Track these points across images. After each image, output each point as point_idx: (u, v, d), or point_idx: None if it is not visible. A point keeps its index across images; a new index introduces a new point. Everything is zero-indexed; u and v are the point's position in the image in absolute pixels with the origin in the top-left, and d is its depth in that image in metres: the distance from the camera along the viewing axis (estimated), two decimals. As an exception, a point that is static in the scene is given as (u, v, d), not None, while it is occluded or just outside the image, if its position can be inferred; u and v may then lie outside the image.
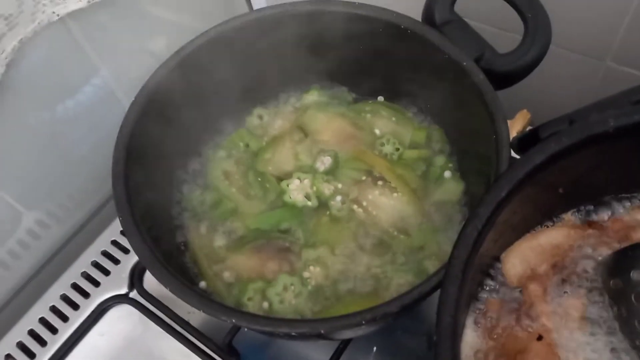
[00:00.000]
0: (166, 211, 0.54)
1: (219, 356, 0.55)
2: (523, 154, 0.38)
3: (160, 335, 0.58)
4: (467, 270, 0.35)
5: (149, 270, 0.41)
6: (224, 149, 0.58)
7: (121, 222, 0.43)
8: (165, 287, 0.39)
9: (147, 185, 0.50)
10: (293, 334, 0.35)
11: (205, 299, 0.38)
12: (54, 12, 0.56)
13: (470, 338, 0.42)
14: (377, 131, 0.57)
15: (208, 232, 0.53)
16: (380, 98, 0.60)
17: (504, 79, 0.48)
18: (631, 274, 0.40)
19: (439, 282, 0.35)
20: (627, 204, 0.45)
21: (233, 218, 0.53)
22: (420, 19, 0.52)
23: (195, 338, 0.57)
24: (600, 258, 0.43)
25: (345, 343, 0.52)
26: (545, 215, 0.46)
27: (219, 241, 0.52)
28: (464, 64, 0.47)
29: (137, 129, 0.49)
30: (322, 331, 0.35)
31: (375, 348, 0.56)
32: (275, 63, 0.58)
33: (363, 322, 0.35)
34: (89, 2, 0.57)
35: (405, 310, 0.36)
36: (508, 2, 0.50)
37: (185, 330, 0.58)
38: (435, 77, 0.52)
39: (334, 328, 0.35)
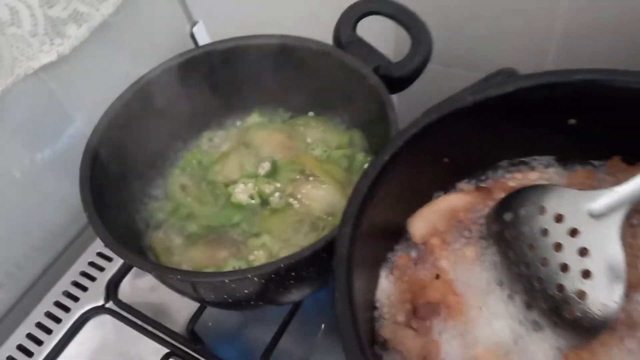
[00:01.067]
0: (131, 222, 0.63)
1: (186, 347, 0.63)
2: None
3: (135, 337, 0.65)
4: (360, 217, 0.44)
5: (107, 246, 0.49)
6: (179, 168, 0.68)
7: (88, 218, 0.52)
8: (121, 257, 0.47)
9: (113, 202, 0.59)
10: (226, 281, 0.44)
11: (146, 261, 0.47)
12: (29, 66, 0.66)
13: (384, 286, 0.50)
14: (308, 140, 0.67)
15: (167, 234, 0.61)
16: (311, 113, 0.71)
17: (398, 82, 0.60)
18: (504, 217, 0.49)
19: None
20: (511, 168, 0.55)
21: (189, 220, 0.62)
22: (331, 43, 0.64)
23: (167, 335, 0.64)
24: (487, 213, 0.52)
25: (290, 314, 0.60)
26: (443, 184, 0.56)
27: (177, 240, 0.61)
28: (363, 72, 0.59)
29: (99, 155, 0.59)
30: (249, 275, 0.43)
31: (323, 325, 0.63)
32: (221, 92, 0.69)
33: (282, 265, 0.43)
34: (58, 55, 0.67)
35: (317, 256, 0.45)
36: (397, 22, 0.62)
37: (157, 330, 0.65)
38: (348, 89, 0.63)
39: (258, 272, 0.44)
